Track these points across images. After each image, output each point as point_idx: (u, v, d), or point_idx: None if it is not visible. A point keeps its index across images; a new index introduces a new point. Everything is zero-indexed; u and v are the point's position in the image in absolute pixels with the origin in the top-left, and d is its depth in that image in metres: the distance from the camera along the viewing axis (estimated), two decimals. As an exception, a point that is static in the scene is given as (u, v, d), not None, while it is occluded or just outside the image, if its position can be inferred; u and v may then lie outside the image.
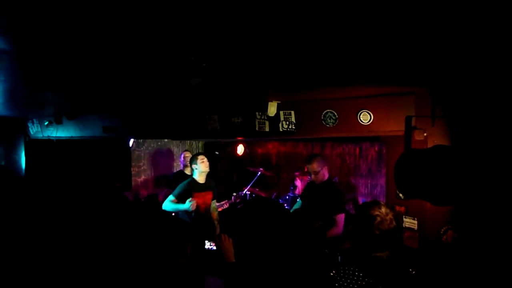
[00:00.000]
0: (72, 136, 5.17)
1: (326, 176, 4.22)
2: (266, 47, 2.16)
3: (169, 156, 7.72)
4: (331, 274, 2.21)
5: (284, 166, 7.95)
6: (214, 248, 3.61)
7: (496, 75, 2.66)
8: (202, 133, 4.29)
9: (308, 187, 4.47)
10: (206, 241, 3.68)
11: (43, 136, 5.35)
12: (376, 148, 6.77)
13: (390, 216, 2.30)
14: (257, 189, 7.14)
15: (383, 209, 2.32)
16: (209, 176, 4.77)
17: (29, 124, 5.38)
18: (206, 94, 3.95)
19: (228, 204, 5.55)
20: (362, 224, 2.34)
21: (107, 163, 6.02)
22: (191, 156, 4.96)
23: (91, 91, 3.86)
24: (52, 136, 5.19)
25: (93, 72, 3.00)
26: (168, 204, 4.63)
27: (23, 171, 5.42)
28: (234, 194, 6.00)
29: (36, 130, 5.35)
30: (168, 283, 1.96)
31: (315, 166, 4.10)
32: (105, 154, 5.98)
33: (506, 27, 1.68)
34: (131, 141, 6.61)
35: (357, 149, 7.25)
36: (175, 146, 7.77)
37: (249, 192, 6.77)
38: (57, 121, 4.95)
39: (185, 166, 5.74)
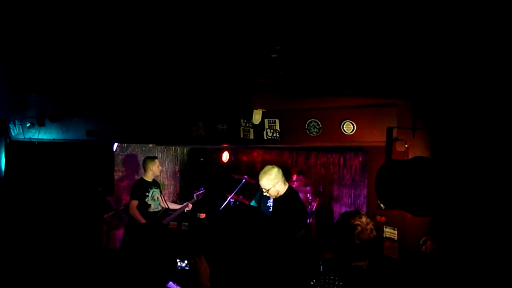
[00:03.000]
0: (54, 139, 5.10)
1: (283, 190, 3.75)
2: (251, 56, 2.18)
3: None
4: (312, 283, 2.23)
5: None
6: (186, 267, 3.38)
7: (476, 89, 2.73)
8: (187, 139, 4.28)
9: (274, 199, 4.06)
10: (178, 260, 3.35)
11: (25, 138, 5.27)
12: (360, 158, 6.85)
13: (370, 225, 2.33)
14: (241, 197, 7.13)
15: (364, 219, 2.34)
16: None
17: (11, 125, 5.28)
18: (191, 100, 3.94)
19: (191, 205, 5.82)
20: (343, 233, 2.37)
21: (90, 167, 5.94)
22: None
23: (76, 93, 3.82)
24: (34, 138, 5.11)
25: (78, 75, 2.97)
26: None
27: (2, 173, 5.31)
28: (196, 192, 6.08)
29: (17, 132, 5.26)
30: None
31: (264, 183, 3.71)
32: (87, 158, 5.91)
33: (486, 43, 1.73)
34: (115, 146, 6.55)
35: (342, 159, 7.32)
36: (159, 152, 7.72)
37: (233, 200, 6.76)
38: (39, 123, 4.88)
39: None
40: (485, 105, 2.79)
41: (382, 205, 3.51)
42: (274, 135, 3.84)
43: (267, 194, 3.77)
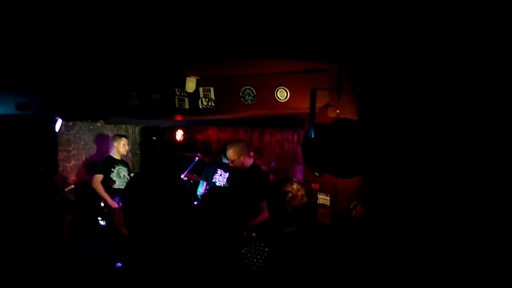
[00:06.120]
0: (-18, 114, 4.79)
1: (248, 163, 4.09)
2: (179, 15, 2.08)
3: (103, 140, 7.40)
4: (243, 251, 2.19)
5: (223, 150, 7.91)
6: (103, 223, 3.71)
7: (400, 51, 2.71)
8: (122, 110, 4.10)
9: (232, 173, 4.39)
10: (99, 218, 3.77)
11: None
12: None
13: (301, 192, 2.30)
14: (195, 175, 7.03)
15: (295, 185, 2.31)
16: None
17: None
18: (125, 70, 3.77)
19: None
20: (274, 200, 2.34)
21: (27, 145, 5.65)
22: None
23: (3, 63, 3.58)
24: (-40, 114, 4.77)
25: (7, 42, 2.77)
26: None
27: None
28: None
29: None
30: (45, 262, 1.83)
31: (230, 153, 4.02)
32: (24, 136, 5.61)
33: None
34: (58, 124, 6.25)
35: (295, 136, 7.33)
36: (109, 131, 7.45)
37: (186, 178, 6.66)
38: (-36, 97, 4.55)
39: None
40: (409, 66, 2.78)
41: (316, 173, 3.50)
42: (209, 104, 3.73)
43: (233, 166, 4.07)
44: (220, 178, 5.26)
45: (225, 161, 5.07)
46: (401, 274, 2.77)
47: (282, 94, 3.42)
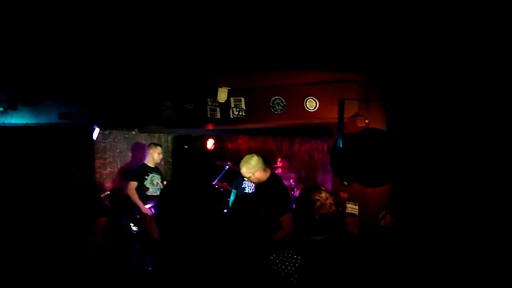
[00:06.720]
0: (27, 123, 5.09)
1: (264, 178, 3.92)
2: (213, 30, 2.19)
3: (137, 149, 7.65)
4: (272, 257, 2.24)
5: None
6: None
7: (431, 61, 2.72)
8: (156, 119, 4.28)
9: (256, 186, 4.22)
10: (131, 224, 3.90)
11: (-2, 123, 5.27)
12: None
13: (330, 200, 2.34)
14: (225, 183, 7.14)
15: (323, 194, 2.36)
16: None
17: (-16, 111, 5.27)
18: (160, 81, 3.94)
19: None
20: (303, 208, 2.38)
21: (67, 153, 5.94)
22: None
23: (47, 75, 3.83)
24: (7, 123, 5.10)
25: (50, 56, 2.98)
26: None
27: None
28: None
29: (-9, 117, 5.26)
30: (81, 261, 1.96)
31: (244, 171, 3.92)
32: (64, 144, 5.91)
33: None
34: (96, 133, 6.53)
35: (325, 145, 7.32)
36: (143, 139, 7.70)
37: (216, 186, 6.77)
38: (12, 107, 4.87)
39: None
40: (437, 76, 2.78)
41: (345, 182, 3.52)
42: (240, 113, 3.84)
43: (248, 182, 4.01)
44: (250, 183, 5.28)
45: None
46: (430, 285, 2.75)
47: (311, 104, 3.47)
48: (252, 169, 3.86)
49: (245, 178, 5.32)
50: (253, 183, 3.98)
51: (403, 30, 2.03)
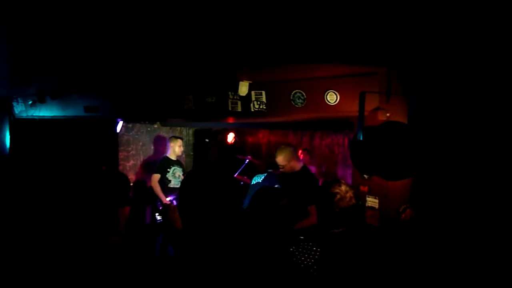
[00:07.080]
0: (55, 116, 5.25)
1: (297, 167, 4.26)
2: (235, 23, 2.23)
3: (159, 142, 7.78)
4: (291, 249, 2.27)
5: (274, 155, 7.98)
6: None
7: (452, 53, 2.69)
8: (179, 113, 4.36)
9: (281, 178, 4.48)
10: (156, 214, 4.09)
11: (27, 116, 5.44)
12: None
13: (350, 194, 2.37)
14: (245, 177, 7.20)
15: (343, 187, 2.38)
16: None
17: (14, 103, 5.46)
18: (182, 74, 4.00)
19: None
20: (323, 201, 2.41)
21: (92, 145, 6.09)
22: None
23: (75, 70, 3.94)
24: (36, 116, 5.27)
25: (77, 51, 3.08)
26: None
27: (7, 150, 5.51)
28: None
29: (20, 109, 5.44)
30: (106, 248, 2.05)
31: (280, 159, 4.20)
32: (90, 136, 6.06)
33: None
34: (119, 125, 6.68)
35: (346, 139, 7.26)
36: (164, 133, 7.82)
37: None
38: (40, 100, 5.03)
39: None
40: (459, 69, 2.75)
41: (365, 175, 3.52)
42: (261, 107, 3.87)
43: (283, 171, 4.25)
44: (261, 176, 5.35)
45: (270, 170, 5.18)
46: (450, 279, 2.74)
47: (332, 98, 3.48)
48: (288, 158, 4.18)
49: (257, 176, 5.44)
50: (286, 172, 4.21)
51: (424, 22, 2.02)
